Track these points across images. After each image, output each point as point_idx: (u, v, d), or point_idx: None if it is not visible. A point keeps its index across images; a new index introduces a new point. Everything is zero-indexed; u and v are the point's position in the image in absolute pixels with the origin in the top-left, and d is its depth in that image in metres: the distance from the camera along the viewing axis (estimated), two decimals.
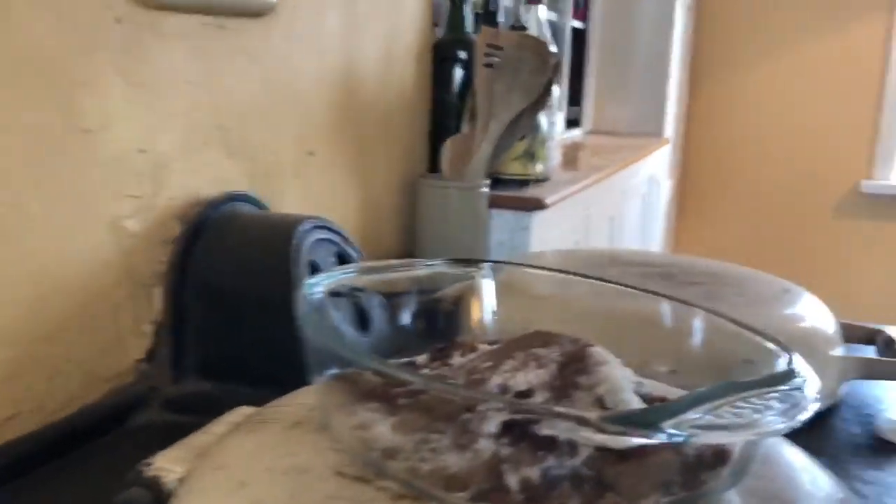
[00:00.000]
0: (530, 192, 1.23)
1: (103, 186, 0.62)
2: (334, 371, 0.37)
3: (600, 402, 0.35)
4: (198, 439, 0.45)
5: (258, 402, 0.49)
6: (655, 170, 2.56)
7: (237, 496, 0.34)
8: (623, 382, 0.36)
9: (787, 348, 0.37)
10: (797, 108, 3.40)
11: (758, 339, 0.40)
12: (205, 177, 0.73)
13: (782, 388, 0.30)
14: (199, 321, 0.69)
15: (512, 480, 0.30)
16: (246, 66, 0.77)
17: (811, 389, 0.31)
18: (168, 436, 0.49)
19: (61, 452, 0.58)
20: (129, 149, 0.64)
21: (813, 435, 0.64)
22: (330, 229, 0.74)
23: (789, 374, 0.32)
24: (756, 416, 0.28)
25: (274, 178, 0.83)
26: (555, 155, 1.67)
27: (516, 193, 1.20)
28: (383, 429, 0.34)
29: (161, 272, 0.69)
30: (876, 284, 3.38)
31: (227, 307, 0.68)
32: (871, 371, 0.67)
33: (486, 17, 1.29)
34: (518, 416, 0.30)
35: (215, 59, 0.72)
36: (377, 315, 0.62)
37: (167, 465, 0.42)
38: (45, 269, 0.58)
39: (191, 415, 0.65)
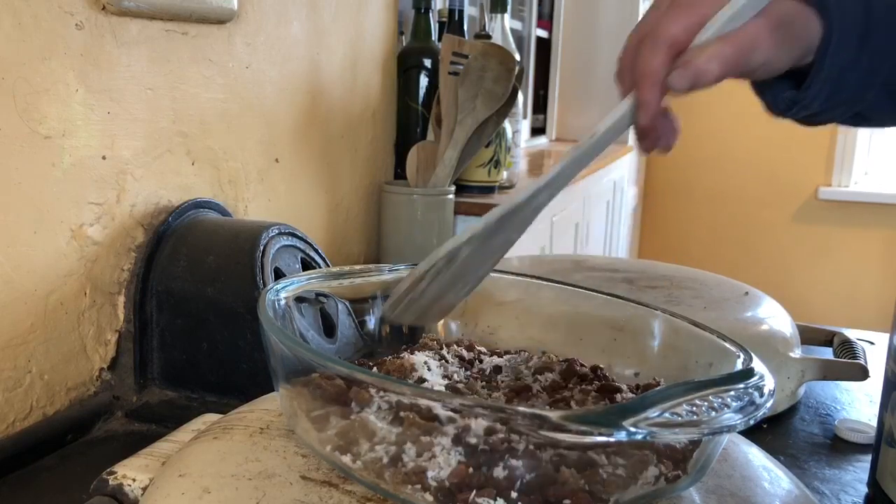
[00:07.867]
0: (495, 198, 1.24)
1: (65, 193, 0.61)
2: (299, 376, 0.37)
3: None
4: (162, 447, 0.45)
5: (223, 409, 0.49)
6: (620, 177, 2.58)
7: (202, 503, 0.34)
8: None
9: (745, 350, 0.38)
10: (758, 115, 3.44)
11: (718, 341, 0.41)
12: (168, 184, 0.72)
13: (739, 386, 0.31)
14: (163, 329, 0.69)
15: (476, 480, 0.31)
16: (209, 72, 0.76)
17: (767, 388, 0.32)
18: (132, 444, 0.48)
19: (24, 463, 0.57)
20: (91, 155, 0.63)
21: (773, 434, 0.66)
22: (295, 235, 0.74)
23: (745, 374, 0.33)
24: (713, 413, 0.29)
25: (238, 185, 0.83)
26: (520, 162, 1.68)
27: (482, 200, 1.21)
28: (349, 432, 0.35)
29: (124, 280, 0.68)
30: (833, 288, 3.45)
31: (191, 315, 0.68)
32: (829, 372, 0.68)
33: (451, 25, 1.30)
34: (483, 417, 0.31)
35: (178, 65, 0.72)
36: (342, 320, 0.62)
37: (131, 473, 0.42)
38: (5, 277, 0.57)
39: (155, 423, 0.65)
